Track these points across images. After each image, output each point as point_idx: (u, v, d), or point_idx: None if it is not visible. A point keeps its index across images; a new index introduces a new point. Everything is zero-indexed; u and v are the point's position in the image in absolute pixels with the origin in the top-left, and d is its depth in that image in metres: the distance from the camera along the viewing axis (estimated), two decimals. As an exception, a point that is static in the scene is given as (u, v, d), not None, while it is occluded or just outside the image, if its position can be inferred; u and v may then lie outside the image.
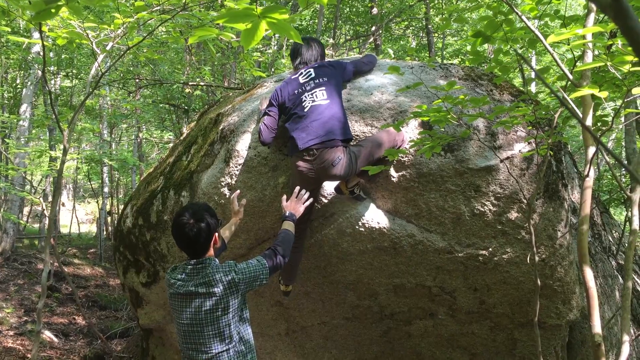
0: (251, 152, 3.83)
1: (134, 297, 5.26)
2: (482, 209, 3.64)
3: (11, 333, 8.14)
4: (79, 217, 19.90)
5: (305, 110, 3.45)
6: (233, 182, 3.86)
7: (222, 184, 3.91)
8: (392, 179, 3.67)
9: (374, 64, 4.10)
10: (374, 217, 3.78)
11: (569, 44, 2.18)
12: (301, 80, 3.58)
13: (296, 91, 3.54)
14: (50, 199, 16.12)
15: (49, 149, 10.39)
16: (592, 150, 2.29)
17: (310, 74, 3.57)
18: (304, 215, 3.44)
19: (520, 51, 2.92)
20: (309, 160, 3.40)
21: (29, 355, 7.25)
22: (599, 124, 3.30)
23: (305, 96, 3.49)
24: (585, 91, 2.04)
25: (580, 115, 2.30)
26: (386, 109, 3.74)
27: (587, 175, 2.27)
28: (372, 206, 3.81)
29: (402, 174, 3.65)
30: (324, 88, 3.48)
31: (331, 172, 3.37)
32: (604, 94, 2.04)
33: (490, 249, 3.73)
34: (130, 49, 4.31)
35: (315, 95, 3.47)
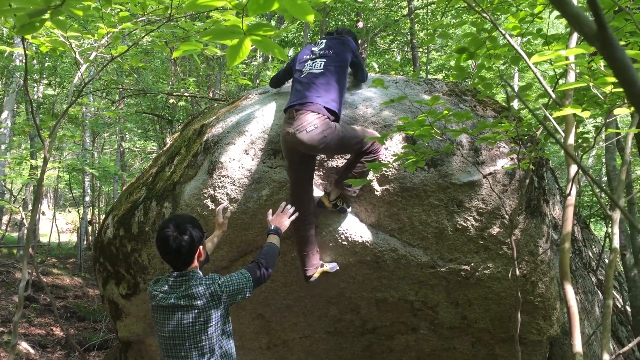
0: (235, 164, 3.81)
1: (113, 309, 5.19)
2: (465, 224, 3.65)
3: (-14, 344, 7.98)
4: (59, 226, 19.61)
5: (302, 76, 3.58)
6: (216, 194, 3.84)
7: (205, 195, 3.88)
8: (376, 192, 3.68)
9: (366, 78, 4.09)
10: (357, 230, 3.77)
11: (552, 64, 2.21)
12: (314, 48, 3.74)
13: (305, 56, 3.71)
14: (30, 207, 15.91)
15: (29, 157, 10.25)
16: (574, 168, 2.31)
17: (322, 45, 3.71)
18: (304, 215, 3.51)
19: (503, 67, 2.95)
20: (290, 124, 3.37)
21: (4, 368, 7.11)
22: (580, 141, 3.34)
23: (307, 63, 3.63)
24: (568, 111, 2.07)
25: (562, 134, 2.32)
26: (371, 123, 3.75)
27: (569, 194, 2.29)
28: (355, 220, 3.80)
29: (386, 187, 3.66)
30: (324, 60, 3.59)
31: (303, 137, 3.25)
32: (586, 114, 2.07)
33: (472, 264, 3.74)
34: (114, 59, 4.27)
35: (315, 64, 3.59)
